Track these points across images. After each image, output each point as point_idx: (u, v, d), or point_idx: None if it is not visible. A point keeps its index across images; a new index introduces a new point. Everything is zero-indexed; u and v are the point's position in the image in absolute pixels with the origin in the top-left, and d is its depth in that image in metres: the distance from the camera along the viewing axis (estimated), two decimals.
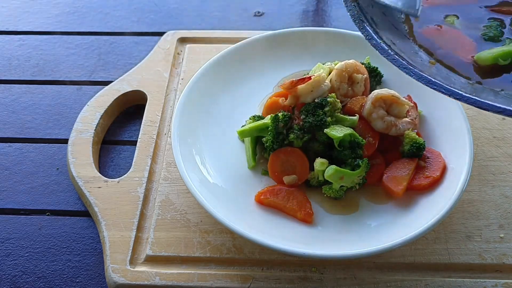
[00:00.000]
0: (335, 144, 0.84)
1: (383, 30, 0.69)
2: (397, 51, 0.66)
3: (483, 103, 0.59)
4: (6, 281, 0.85)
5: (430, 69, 0.66)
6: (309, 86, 0.87)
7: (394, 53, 0.65)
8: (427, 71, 0.64)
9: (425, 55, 0.69)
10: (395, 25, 0.72)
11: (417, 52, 0.69)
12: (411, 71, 0.63)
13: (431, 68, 0.67)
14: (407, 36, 0.72)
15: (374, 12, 0.72)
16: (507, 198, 0.89)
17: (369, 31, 0.67)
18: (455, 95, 0.60)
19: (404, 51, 0.67)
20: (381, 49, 0.66)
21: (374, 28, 0.69)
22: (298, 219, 0.83)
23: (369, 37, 0.67)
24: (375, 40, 0.66)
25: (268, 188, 0.86)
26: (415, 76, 0.62)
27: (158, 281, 0.80)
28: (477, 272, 0.81)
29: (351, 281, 0.80)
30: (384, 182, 0.85)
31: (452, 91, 0.60)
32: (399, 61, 0.64)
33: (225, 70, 1.00)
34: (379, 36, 0.67)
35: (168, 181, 0.92)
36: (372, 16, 0.71)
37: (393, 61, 0.64)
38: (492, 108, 0.58)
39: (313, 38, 1.04)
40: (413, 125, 0.89)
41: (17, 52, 1.20)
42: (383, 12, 0.73)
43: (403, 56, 0.65)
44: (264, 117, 0.92)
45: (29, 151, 1.01)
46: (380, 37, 0.67)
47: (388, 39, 0.68)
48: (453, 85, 0.61)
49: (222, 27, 1.23)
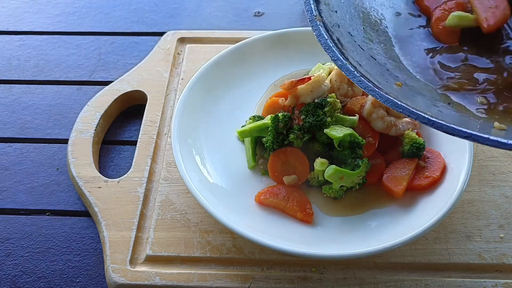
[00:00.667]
0: (335, 144, 0.84)
1: (349, 51, 0.69)
2: (363, 72, 0.65)
3: (448, 127, 0.58)
4: (6, 281, 0.85)
5: (396, 90, 0.66)
6: (309, 86, 0.87)
7: (360, 74, 0.64)
8: (393, 93, 0.64)
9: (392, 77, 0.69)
10: (361, 45, 0.72)
11: (383, 74, 0.69)
12: (377, 93, 0.62)
13: (398, 89, 0.67)
14: (373, 57, 0.71)
15: (340, 33, 0.71)
16: (507, 198, 0.89)
17: (335, 52, 0.67)
18: (420, 118, 0.60)
19: (370, 73, 0.66)
20: (347, 71, 0.65)
21: (340, 49, 0.68)
22: (298, 219, 0.83)
23: (335, 58, 0.66)
24: (340, 61, 0.66)
25: (268, 188, 0.86)
26: (380, 98, 0.62)
27: (158, 281, 0.80)
28: (477, 272, 0.81)
29: (351, 281, 0.80)
30: (384, 182, 0.85)
31: (417, 115, 0.60)
32: (364, 83, 0.64)
33: (225, 70, 1.00)
34: (345, 57, 0.66)
35: (168, 181, 0.92)
36: (338, 36, 0.70)
37: (359, 83, 0.64)
38: (457, 132, 0.58)
39: (313, 38, 1.04)
40: (413, 125, 0.89)
41: (17, 52, 1.20)
42: (349, 32, 0.73)
43: (369, 78, 0.65)
44: (264, 117, 0.92)
45: (29, 151, 1.01)
46: (346, 58, 0.66)
47: (355, 60, 0.67)
48: (419, 108, 0.61)
49: (222, 27, 1.23)
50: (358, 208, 0.85)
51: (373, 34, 0.75)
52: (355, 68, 0.65)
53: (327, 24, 0.70)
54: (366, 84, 0.63)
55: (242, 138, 0.92)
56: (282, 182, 0.87)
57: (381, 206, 0.85)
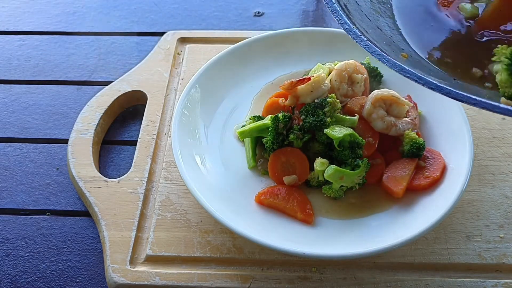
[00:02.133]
0: (335, 144, 0.84)
1: (356, 18, 0.69)
2: (370, 38, 0.65)
3: (457, 94, 0.57)
4: (6, 281, 0.85)
5: (402, 60, 0.66)
6: (309, 86, 0.87)
7: (367, 39, 0.64)
8: (399, 60, 0.63)
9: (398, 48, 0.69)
10: (367, 15, 0.72)
11: (389, 44, 0.68)
12: (384, 57, 0.62)
13: (404, 60, 0.66)
14: (379, 28, 0.71)
15: (347, 0, 0.71)
16: (507, 198, 0.89)
17: (342, 15, 0.67)
18: (428, 84, 0.58)
19: (376, 40, 0.66)
20: (354, 34, 0.65)
21: (347, 14, 0.68)
22: (298, 219, 0.83)
23: (342, 22, 0.66)
24: (347, 25, 0.66)
25: (268, 189, 0.86)
26: (388, 62, 0.61)
27: (158, 281, 0.80)
28: (477, 272, 0.81)
29: (351, 281, 0.80)
30: (384, 182, 0.85)
31: (425, 80, 0.59)
32: (372, 47, 0.63)
33: (225, 70, 1.00)
34: (352, 22, 0.66)
35: (168, 181, 0.92)
36: (345, 3, 0.70)
37: (366, 47, 0.63)
38: (465, 99, 0.57)
39: (313, 38, 1.04)
40: (413, 125, 0.89)
41: (17, 52, 1.20)
42: (356, 1, 0.73)
43: (376, 44, 0.65)
44: (264, 118, 0.92)
45: (29, 151, 1.01)
46: (353, 23, 0.66)
47: (361, 27, 0.67)
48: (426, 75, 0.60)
49: (222, 27, 1.23)
50: (358, 208, 0.85)
51: (380, 7, 0.75)
52: (362, 33, 0.65)
53: None
54: (373, 48, 0.63)
55: (242, 138, 0.92)
56: (282, 182, 0.87)
57: (381, 207, 0.85)
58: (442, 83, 0.59)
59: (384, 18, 0.74)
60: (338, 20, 0.66)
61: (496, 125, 0.98)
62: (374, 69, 0.98)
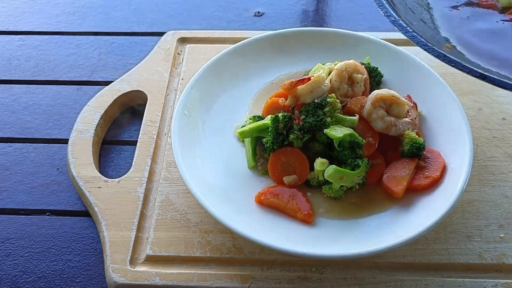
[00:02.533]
0: (335, 144, 0.84)
1: (401, 11, 0.71)
2: (415, 30, 0.68)
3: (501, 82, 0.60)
4: (6, 281, 0.85)
5: (446, 51, 0.67)
6: (309, 86, 0.87)
7: (413, 30, 0.66)
8: (443, 51, 0.65)
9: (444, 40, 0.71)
10: (412, 8, 0.73)
11: (434, 36, 0.70)
12: (430, 48, 0.64)
13: (447, 51, 0.68)
14: (423, 21, 0.73)
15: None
16: (507, 198, 0.89)
17: (388, 8, 0.69)
18: (473, 72, 0.61)
19: (421, 32, 0.68)
20: (400, 26, 0.68)
21: (393, 7, 0.70)
22: (299, 219, 0.83)
23: (388, 14, 0.69)
24: (393, 17, 0.68)
25: (268, 189, 0.86)
26: (433, 52, 0.64)
27: (158, 281, 0.80)
28: (477, 272, 0.81)
29: (351, 281, 0.80)
30: (384, 182, 0.85)
31: (470, 69, 0.61)
32: (417, 38, 0.65)
33: (225, 70, 1.00)
34: (398, 14, 0.68)
35: (168, 181, 0.92)
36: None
37: (412, 38, 0.66)
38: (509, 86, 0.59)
39: (313, 38, 1.04)
40: (413, 125, 0.89)
41: (17, 52, 1.20)
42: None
43: (421, 35, 0.66)
44: (264, 117, 0.92)
45: (29, 151, 1.01)
46: (398, 15, 0.68)
47: (406, 19, 0.69)
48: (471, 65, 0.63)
49: (222, 27, 1.23)
50: (358, 208, 0.85)
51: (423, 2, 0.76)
52: (407, 25, 0.67)
53: None
54: (419, 39, 0.66)
55: (242, 138, 0.92)
56: (282, 182, 0.87)
57: (381, 207, 0.85)
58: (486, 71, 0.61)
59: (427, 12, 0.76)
60: (384, 13, 0.68)
61: (496, 125, 0.98)
62: (374, 69, 0.98)
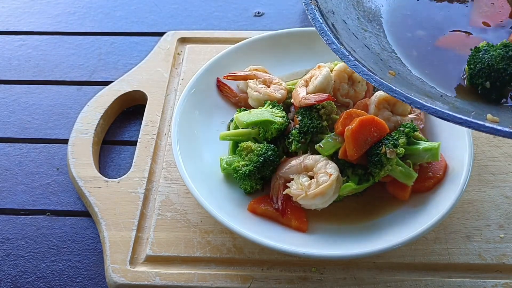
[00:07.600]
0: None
1: (344, 37, 0.69)
2: (357, 58, 0.66)
3: (443, 113, 0.58)
4: (6, 281, 0.85)
5: (390, 79, 0.66)
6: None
7: (355, 59, 0.65)
8: (387, 80, 0.64)
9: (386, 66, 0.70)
10: (355, 34, 0.72)
11: (377, 62, 0.69)
12: (372, 77, 0.62)
13: (391, 78, 0.67)
14: (367, 46, 0.71)
15: (335, 19, 0.71)
16: (507, 198, 0.89)
17: (329, 35, 0.67)
18: (415, 103, 0.59)
19: (364, 59, 0.67)
20: (342, 54, 0.65)
21: (335, 33, 0.68)
22: (293, 228, 0.81)
23: (329, 42, 0.66)
24: (335, 45, 0.66)
25: (261, 198, 0.85)
26: (375, 82, 0.62)
27: (158, 281, 0.80)
28: (477, 272, 0.81)
29: (351, 281, 0.80)
30: (389, 186, 0.85)
31: (412, 100, 0.60)
32: (359, 67, 0.64)
33: (225, 70, 1.00)
34: (339, 42, 0.66)
35: (168, 181, 0.92)
36: (333, 22, 0.70)
37: (354, 67, 0.64)
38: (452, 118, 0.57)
39: (313, 38, 1.04)
40: (419, 120, 0.89)
41: (17, 52, 1.20)
42: (344, 20, 0.73)
43: (364, 63, 0.65)
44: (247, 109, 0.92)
45: (29, 151, 1.01)
46: (340, 43, 0.66)
47: (349, 46, 0.67)
48: (414, 95, 0.61)
49: (222, 27, 1.23)
50: (358, 208, 0.85)
51: (367, 24, 0.75)
52: (349, 53, 0.65)
53: (322, 10, 0.70)
54: (361, 68, 0.63)
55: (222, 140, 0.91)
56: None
57: (381, 207, 0.84)
58: (428, 101, 0.60)
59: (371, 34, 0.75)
60: (326, 40, 0.66)
61: None
62: None
